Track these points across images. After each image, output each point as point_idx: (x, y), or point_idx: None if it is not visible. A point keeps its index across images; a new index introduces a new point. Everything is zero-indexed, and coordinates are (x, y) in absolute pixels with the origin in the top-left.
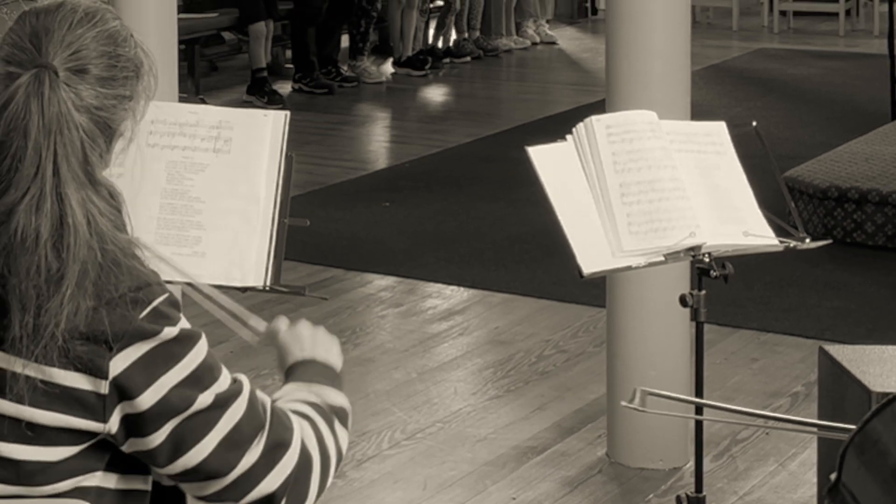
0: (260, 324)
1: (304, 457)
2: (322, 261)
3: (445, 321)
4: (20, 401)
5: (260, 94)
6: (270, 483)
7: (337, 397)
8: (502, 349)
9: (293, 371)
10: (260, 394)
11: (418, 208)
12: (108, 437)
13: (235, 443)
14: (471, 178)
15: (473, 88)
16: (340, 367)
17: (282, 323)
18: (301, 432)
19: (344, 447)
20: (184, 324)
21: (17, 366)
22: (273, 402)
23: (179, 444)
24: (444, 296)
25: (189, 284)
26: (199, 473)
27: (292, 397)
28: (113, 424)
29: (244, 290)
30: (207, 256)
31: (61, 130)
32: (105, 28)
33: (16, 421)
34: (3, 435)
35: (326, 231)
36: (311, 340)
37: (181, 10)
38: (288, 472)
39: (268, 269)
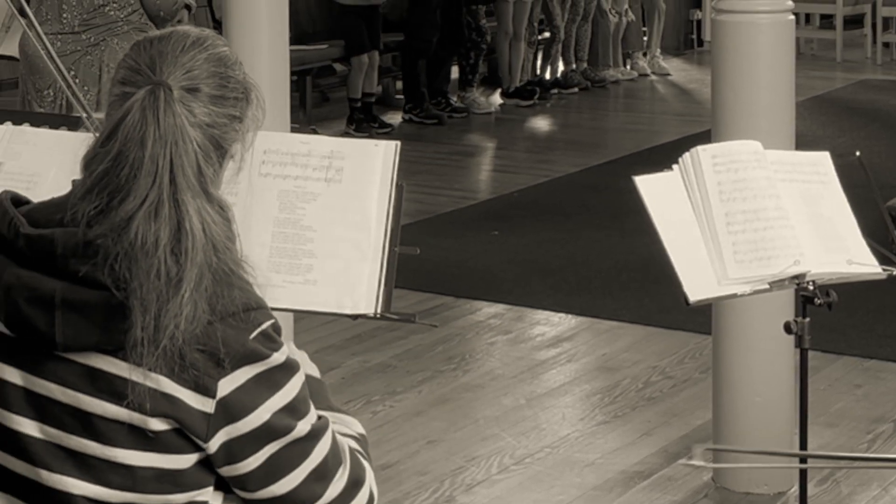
0: None
1: (371, 497)
2: (432, 288)
3: (553, 348)
4: (140, 409)
5: (354, 123)
6: None
7: (357, 426)
8: (609, 375)
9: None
10: (338, 431)
11: (526, 237)
12: (208, 456)
13: (322, 475)
14: (578, 207)
15: (581, 119)
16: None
17: None
18: (370, 474)
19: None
20: (286, 350)
21: (137, 374)
22: (339, 433)
23: (274, 470)
24: (552, 323)
25: None
26: (285, 501)
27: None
28: (213, 444)
29: (355, 317)
30: (319, 284)
31: (177, 141)
32: (215, 51)
33: (133, 427)
34: (120, 441)
35: (436, 259)
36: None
37: (293, 41)
38: None
39: (378, 296)
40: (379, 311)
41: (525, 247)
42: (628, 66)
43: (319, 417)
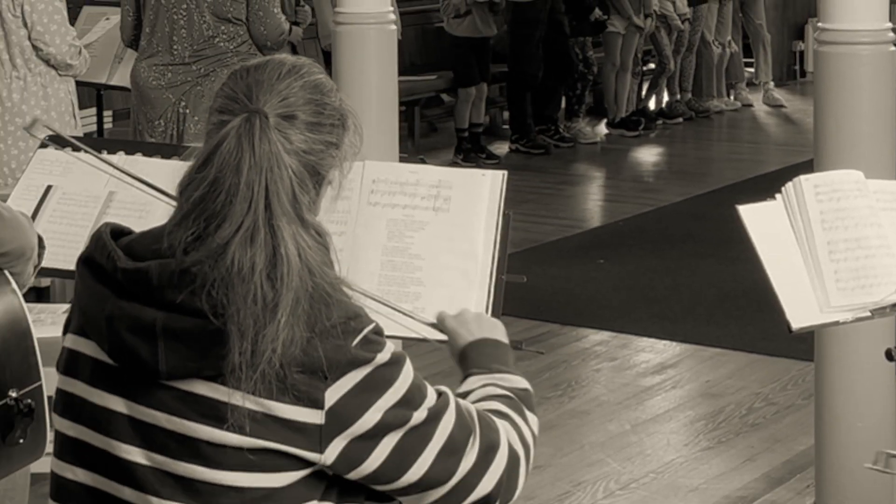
0: (426, 318)
1: (512, 454)
2: (538, 316)
3: (658, 374)
4: (241, 431)
5: (462, 153)
6: (486, 484)
7: (518, 381)
8: (713, 402)
9: (467, 355)
10: (464, 402)
11: (632, 265)
12: (324, 468)
13: (452, 451)
14: (683, 235)
15: (685, 149)
16: (507, 341)
17: (446, 312)
18: (505, 432)
19: (536, 430)
20: (391, 348)
21: (237, 398)
22: (467, 402)
23: (401, 461)
24: (657, 350)
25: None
26: (422, 485)
27: (483, 394)
28: (330, 455)
29: None
30: (427, 312)
31: (272, 168)
32: (311, 79)
33: (238, 450)
34: (226, 464)
35: (543, 287)
36: (477, 322)
37: (401, 72)
38: (500, 471)
39: None
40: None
41: (630, 275)
42: (732, 97)
43: (440, 395)
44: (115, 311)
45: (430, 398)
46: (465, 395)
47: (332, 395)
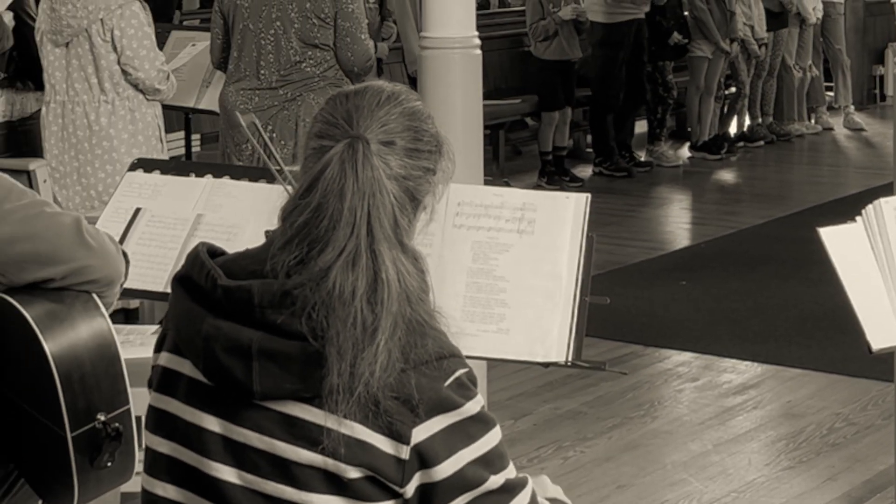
0: None
1: None
2: (621, 337)
3: (740, 395)
4: (334, 455)
5: (546, 175)
6: None
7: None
8: (794, 422)
9: None
10: (539, 495)
11: (714, 287)
12: (406, 502)
13: None
14: (764, 257)
15: (766, 172)
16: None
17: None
18: None
19: None
20: (481, 402)
21: (332, 421)
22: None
23: None
24: (739, 370)
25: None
26: None
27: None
28: (409, 489)
29: (547, 365)
30: (511, 333)
31: (374, 193)
32: (409, 106)
33: (328, 473)
34: (315, 487)
35: (626, 308)
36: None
37: (486, 95)
38: None
39: (570, 344)
40: (570, 358)
41: (712, 296)
42: (812, 121)
43: (519, 476)
44: (211, 330)
45: (510, 470)
46: None
47: (420, 433)
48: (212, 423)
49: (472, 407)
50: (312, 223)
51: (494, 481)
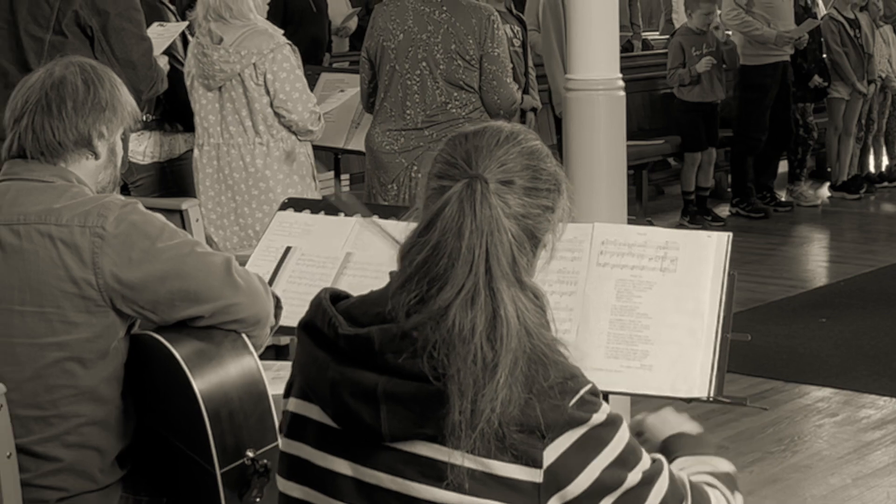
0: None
1: None
2: (762, 373)
3: (879, 430)
4: (460, 489)
5: (688, 215)
6: None
7: (725, 464)
8: None
9: (668, 445)
10: (676, 470)
11: (853, 324)
12: None
13: None
14: None
15: None
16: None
17: (645, 414)
18: (716, 500)
19: None
20: (607, 408)
21: (456, 457)
22: (679, 471)
23: None
24: (878, 406)
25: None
26: None
27: (692, 470)
28: None
29: (689, 401)
30: (654, 369)
31: (492, 232)
32: (528, 145)
33: None
34: None
35: (766, 345)
36: (677, 420)
37: (629, 136)
38: None
39: (711, 380)
40: (712, 394)
41: (852, 333)
42: None
43: (654, 461)
44: (337, 376)
45: (645, 461)
46: None
47: (551, 454)
48: (343, 467)
49: (599, 417)
50: (431, 261)
51: (633, 478)
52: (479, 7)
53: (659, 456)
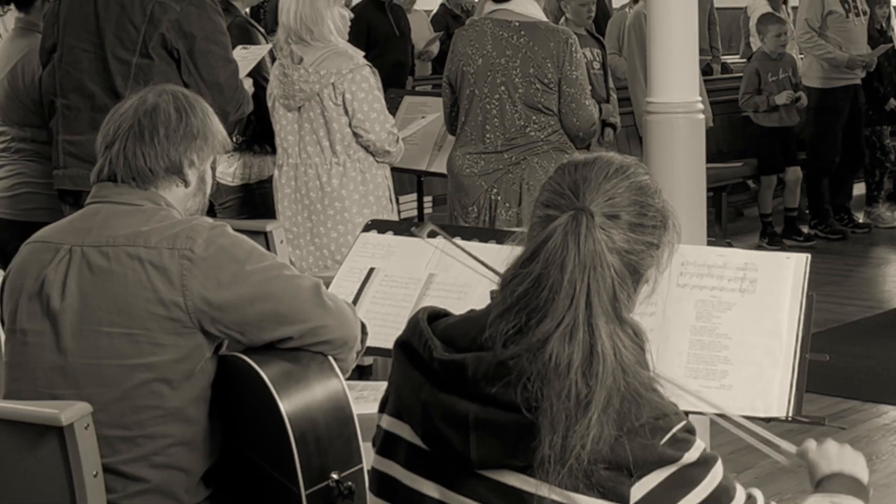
0: (790, 447)
1: None
2: (840, 393)
3: None
4: None
5: (767, 237)
6: None
7: (852, 503)
8: None
9: (821, 484)
10: None
11: None
12: None
13: None
14: None
15: None
16: (867, 479)
17: (811, 443)
18: None
19: None
20: (700, 447)
21: (543, 490)
22: None
23: None
24: None
25: (720, 415)
26: None
27: None
28: None
29: (767, 420)
30: (734, 389)
31: (595, 267)
32: (637, 180)
33: None
34: None
35: (844, 365)
36: (839, 456)
37: (709, 159)
38: None
39: (790, 400)
40: (790, 414)
41: None
42: None
43: (749, 497)
44: (430, 398)
45: (738, 500)
46: None
47: (638, 491)
48: (430, 489)
49: (691, 455)
50: (532, 293)
51: None
52: (556, 30)
53: (755, 492)
